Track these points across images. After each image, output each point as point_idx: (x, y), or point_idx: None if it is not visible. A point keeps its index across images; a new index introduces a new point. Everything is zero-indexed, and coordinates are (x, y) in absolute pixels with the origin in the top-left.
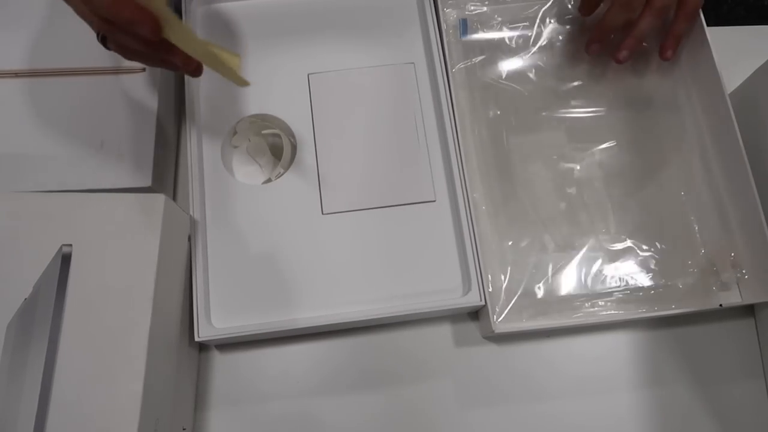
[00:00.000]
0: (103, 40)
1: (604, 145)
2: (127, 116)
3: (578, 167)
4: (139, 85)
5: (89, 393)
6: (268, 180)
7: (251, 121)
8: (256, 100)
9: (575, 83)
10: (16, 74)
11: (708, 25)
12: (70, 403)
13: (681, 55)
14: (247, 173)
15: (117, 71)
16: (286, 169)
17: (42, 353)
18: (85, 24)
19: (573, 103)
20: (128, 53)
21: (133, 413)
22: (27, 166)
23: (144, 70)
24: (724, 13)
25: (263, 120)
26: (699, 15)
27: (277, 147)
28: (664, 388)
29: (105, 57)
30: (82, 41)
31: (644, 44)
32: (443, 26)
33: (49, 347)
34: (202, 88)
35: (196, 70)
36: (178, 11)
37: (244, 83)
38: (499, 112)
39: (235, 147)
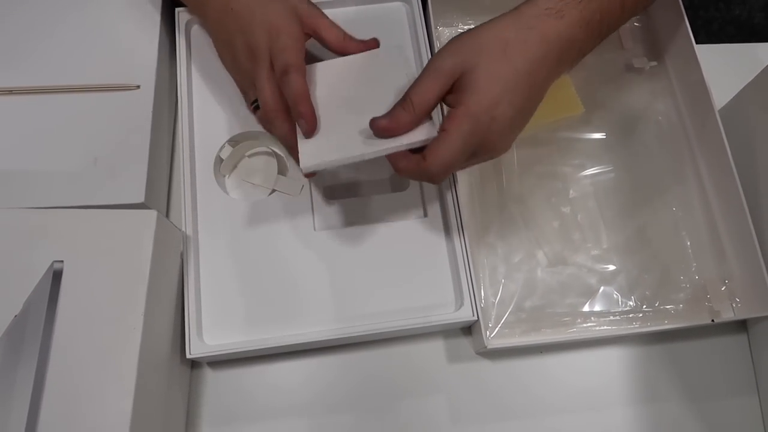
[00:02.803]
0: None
1: (599, 166)
2: (121, 133)
3: (572, 185)
4: (132, 101)
5: (79, 411)
6: (260, 196)
7: (233, 147)
8: (247, 117)
9: None
10: (11, 91)
11: (697, 42)
12: (59, 421)
13: (671, 73)
14: (239, 190)
15: (110, 88)
16: (278, 186)
17: (32, 371)
18: (77, 42)
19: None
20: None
21: None
22: (20, 182)
23: (138, 87)
24: (714, 31)
25: (254, 138)
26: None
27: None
28: (657, 404)
29: (98, 74)
30: (75, 59)
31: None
32: (435, 44)
33: (39, 365)
34: (195, 104)
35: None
36: (171, 28)
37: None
38: None
39: (224, 176)
